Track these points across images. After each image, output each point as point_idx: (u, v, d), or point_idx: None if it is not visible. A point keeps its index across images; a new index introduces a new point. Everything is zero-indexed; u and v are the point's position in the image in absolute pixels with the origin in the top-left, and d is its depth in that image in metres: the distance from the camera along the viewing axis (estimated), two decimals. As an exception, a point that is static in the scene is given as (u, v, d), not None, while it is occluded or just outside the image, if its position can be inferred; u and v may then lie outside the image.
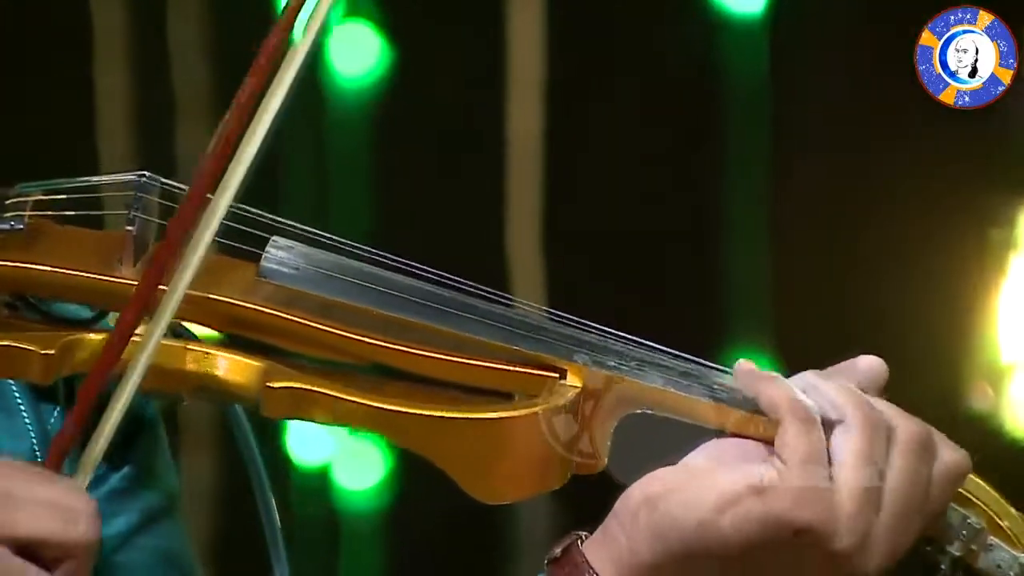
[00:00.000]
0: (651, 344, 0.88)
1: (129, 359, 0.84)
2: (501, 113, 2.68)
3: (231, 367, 0.89)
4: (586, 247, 2.74)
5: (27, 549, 0.80)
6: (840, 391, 0.85)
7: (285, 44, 0.83)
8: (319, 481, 2.77)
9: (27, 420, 1.01)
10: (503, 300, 0.90)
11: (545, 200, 2.72)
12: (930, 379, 2.54)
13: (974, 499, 0.88)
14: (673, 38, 2.67)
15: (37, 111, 2.59)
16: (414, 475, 2.68)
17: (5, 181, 0.97)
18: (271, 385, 0.87)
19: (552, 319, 0.89)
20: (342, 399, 0.86)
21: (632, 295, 2.69)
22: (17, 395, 1.02)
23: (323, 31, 0.84)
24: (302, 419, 0.88)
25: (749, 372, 0.88)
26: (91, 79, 2.62)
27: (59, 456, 0.85)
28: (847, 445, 0.83)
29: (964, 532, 0.87)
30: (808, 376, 0.87)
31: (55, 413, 1.02)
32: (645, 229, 2.72)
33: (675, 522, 0.83)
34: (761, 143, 2.66)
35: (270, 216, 0.93)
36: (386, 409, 0.86)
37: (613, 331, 0.89)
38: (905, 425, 0.85)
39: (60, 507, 0.81)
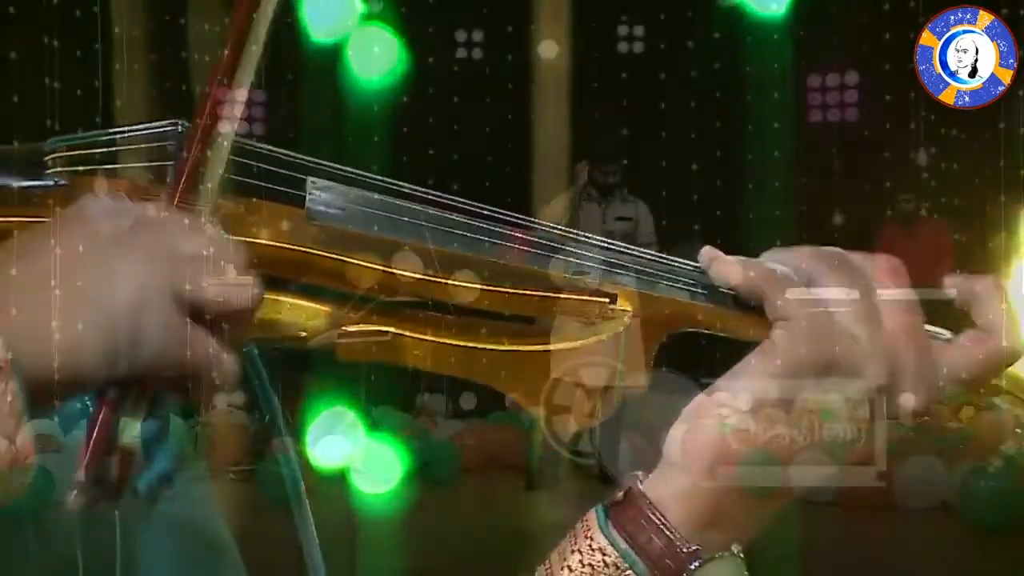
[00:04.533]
0: (692, 264, 0.87)
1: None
2: (526, 123, 2.68)
3: (300, 312, 0.87)
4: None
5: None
6: (794, 252, 0.83)
7: None
8: (337, 485, 2.77)
9: None
10: (545, 227, 0.88)
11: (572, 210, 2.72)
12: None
13: None
14: (700, 38, 2.68)
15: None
16: (431, 478, 2.67)
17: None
18: (345, 328, 0.86)
19: (596, 244, 0.88)
20: (415, 338, 0.85)
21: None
22: None
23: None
24: (375, 361, 0.87)
25: (715, 260, 0.84)
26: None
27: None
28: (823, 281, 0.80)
29: None
30: (763, 254, 0.85)
31: None
32: (670, 231, 2.72)
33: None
34: (785, 140, 2.67)
35: (294, 155, 0.90)
36: (455, 345, 0.84)
37: (655, 253, 0.87)
38: (848, 258, 0.82)
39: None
